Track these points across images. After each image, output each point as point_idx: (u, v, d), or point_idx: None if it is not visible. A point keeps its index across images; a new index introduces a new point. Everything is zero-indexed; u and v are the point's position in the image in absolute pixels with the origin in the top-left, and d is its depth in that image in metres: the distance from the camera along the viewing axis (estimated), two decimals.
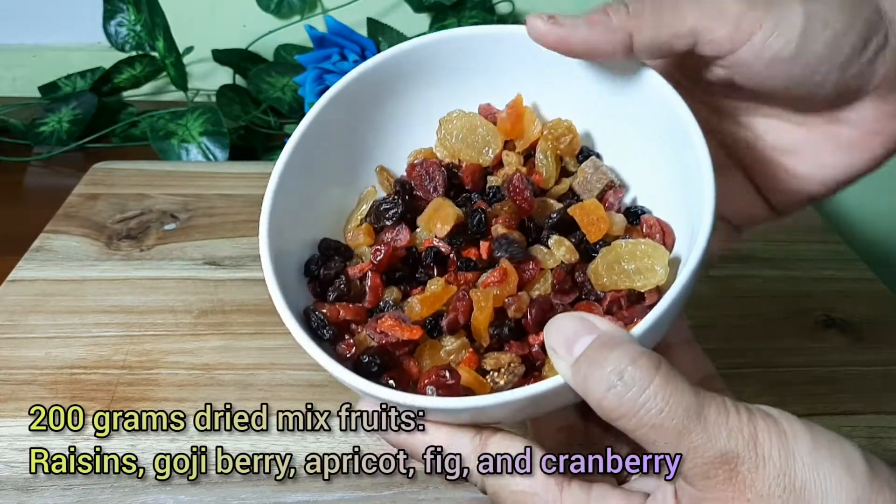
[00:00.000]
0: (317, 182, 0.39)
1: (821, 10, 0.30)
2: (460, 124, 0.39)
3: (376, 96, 0.39)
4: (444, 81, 0.39)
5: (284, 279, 0.35)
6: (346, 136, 0.40)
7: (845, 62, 0.31)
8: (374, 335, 0.35)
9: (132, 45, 0.88)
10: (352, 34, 0.80)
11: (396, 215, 0.38)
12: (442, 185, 0.38)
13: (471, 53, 0.38)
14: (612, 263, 0.34)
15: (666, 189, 0.35)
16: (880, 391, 0.49)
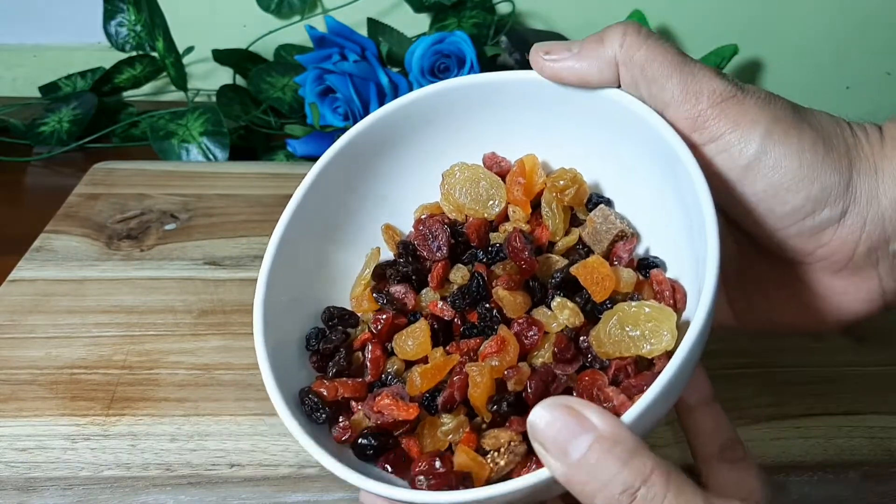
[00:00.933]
0: (319, 246, 0.38)
1: (777, 154, 0.30)
2: (463, 178, 0.38)
3: (378, 152, 0.38)
4: (446, 132, 0.38)
5: (283, 354, 0.35)
6: (347, 195, 0.39)
7: (786, 216, 0.31)
8: (370, 414, 0.34)
9: (132, 45, 0.88)
10: (352, 34, 0.80)
11: (398, 277, 0.37)
12: (445, 245, 0.37)
13: (472, 102, 0.37)
14: (614, 329, 0.32)
15: (674, 235, 0.34)
16: (880, 391, 0.49)
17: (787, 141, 0.30)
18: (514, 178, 0.37)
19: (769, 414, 0.47)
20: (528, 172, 0.37)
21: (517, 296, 0.35)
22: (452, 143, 0.39)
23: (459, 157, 0.39)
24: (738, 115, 0.30)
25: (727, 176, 0.31)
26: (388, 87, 0.78)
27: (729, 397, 0.48)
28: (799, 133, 0.30)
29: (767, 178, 0.30)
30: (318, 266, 0.38)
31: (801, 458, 0.44)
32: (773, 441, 0.45)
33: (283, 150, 0.81)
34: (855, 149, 0.31)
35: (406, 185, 0.40)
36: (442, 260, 0.37)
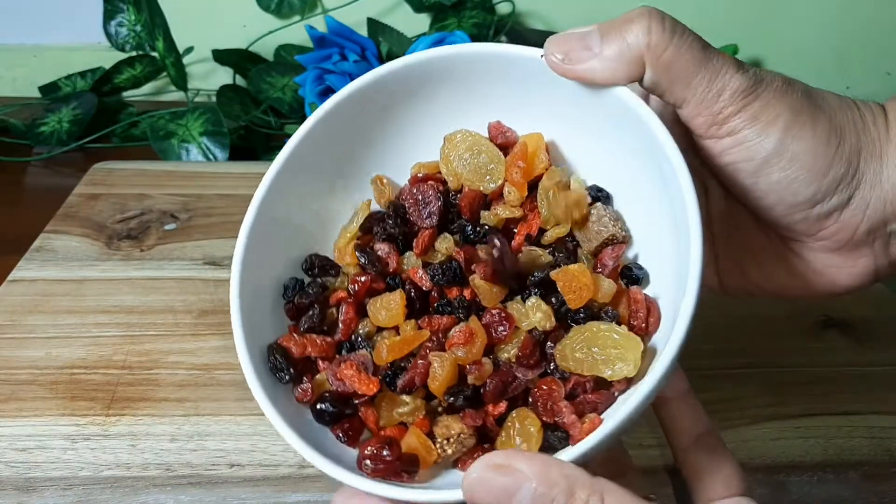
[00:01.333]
0: (313, 187, 0.38)
1: (795, 150, 0.31)
2: (465, 145, 0.38)
3: (387, 103, 0.38)
4: (456, 95, 0.38)
5: (260, 299, 0.35)
6: (350, 140, 0.39)
7: (797, 205, 0.32)
8: (333, 381, 0.34)
9: (132, 45, 0.88)
10: (352, 34, 0.80)
11: (384, 235, 0.37)
12: (437, 213, 0.37)
13: (486, 70, 0.36)
14: (580, 347, 0.32)
15: (662, 240, 0.34)
16: (880, 391, 0.49)
17: (803, 135, 0.31)
18: (514, 160, 0.37)
19: (769, 414, 0.47)
20: (531, 155, 0.36)
21: (494, 288, 0.35)
22: (459, 106, 0.38)
23: (464, 122, 0.38)
24: (757, 110, 0.31)
25: (742, 167, 0.32)
26: None
27: (729, 397, 0.48)
28: (814, 125, 0.31)
29: (783, 172, 0.31)
30: (307, 209, 0.38)
31: (801, 458, 0.44)
32: (773, 441, 0.45)
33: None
34: (863, 134, 0.31)
35: (406, 139, 0.39)
36: (430, 228, 0.37)
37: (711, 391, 0.49)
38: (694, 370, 0.50)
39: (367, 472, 0.31)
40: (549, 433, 0.32)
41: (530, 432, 0.32)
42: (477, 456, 0.31)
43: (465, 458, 0.33)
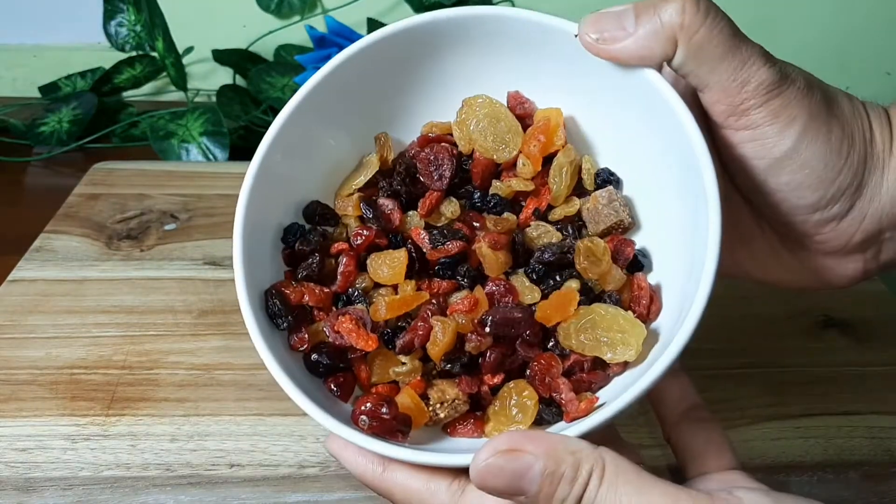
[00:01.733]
0: (323, 133, 0.37)
1: (808, 155, 0.31)
2: (483, 112, 0.37)
3: (408, 56, 0.37)
4: (478, 57, 0.37)
5: (259, 241, 0.35)
6: (365, 92, 0.37)
7: (801, 207, 0.32)
8: (330, 332, 0.34)
9: (132, 46, 0.88)
10: (352, 34, 0.80)
11: (389, 191, 0.37)
12: (448, 177, 0.37)
13: (514, 36, 0.35)
14: (586, 327, 0.32)
15: (676, 231, 0.33)
16: (880, 391, 0.49)
17: (818, 141, 0.31)
18: (534, 133, 0.36)
19: (769, 414, 0.47)
20: (551, 130, 0.36)
21: (500, 255, 0.34)
22: (479, 70, 0.37)
23: (481, 87, 0.37)
24: (778, 108, 0.30)
25: (755, 163, 0.32)
26: None
27: (729, 397, 0.48)
28: (829, 133, 0.31)
29: (793, 175, 0.31)
30: (313, 157, 0.37)
31: (801, 458, 0.44)
32: (773, 441, 0.45)
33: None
34: (870, 145, 0.32)
35: (420, 97, 0.38)
36: (440, 190, 0.37)
37: (711, 391, 0.49)
38: (694, 370, 0.50)
39: (363, 428, 0.31)
40: (542, 407, 0.32)
41: (527, 405, 0.32)
42: (468, 422, 0.33)
43: (455, 423, 0.33)
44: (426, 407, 0.33)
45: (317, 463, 0.43)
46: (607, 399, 0.31)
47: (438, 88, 0.38)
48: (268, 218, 0.36)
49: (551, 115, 0.36)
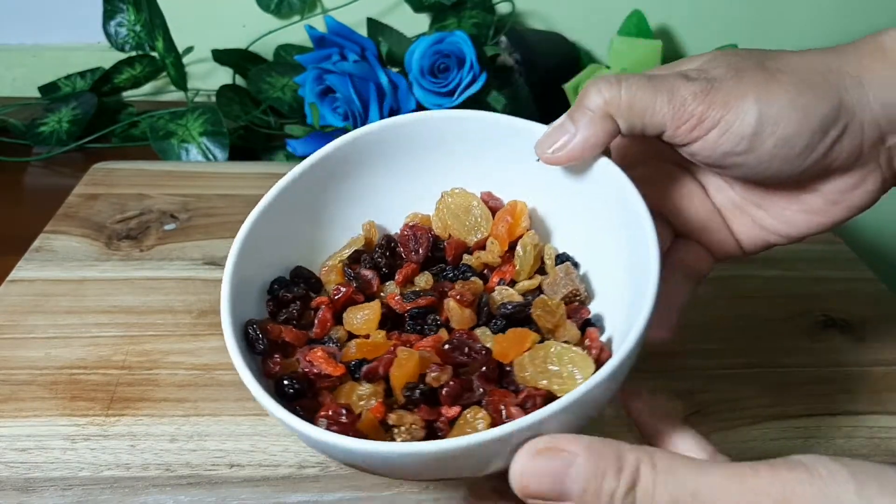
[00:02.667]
0: (306, 221, 0.41)
1: (774, 112, 0.33)
2: (460, 201, 0.41)
3: (388, 152, 0.41)
4: (451, 154, 0.41)
5: (246, 291, 0.37)
6: (350, 181, 0.42)
7: (799, 155, 0.34)
8: (303, 362, 0.36)
9: (132, 45, 0.87)
10: (352, 34, 0.80)
11: (371, 263, 0.41)
12: (424, 252, 0.41)
13: (490, 135, 0.40)
14: (539, 359, 0.34)
15: (624, 297, 0.36)
16: (880, 391, 0.49)
17: (775, 97, 0.33)
18: (503, 215, 0.41)
19: (769, 414, 0.47)
20: (518, 213, 0.41)
21: (466, 311, 0.38)
22: (453, 165, 0.42)
23: (456, 179, 0.42)
24: (724, 97, 0.33)
25: (738, 148, 0.34)
26: (388, 87, 0.78)
27: (729, 397, 0.48)
28: (780, 85, 0.33)
29: (774, 136, 0.33)
30: (305, 230, 0.41)
31: None
32: (773, 441, 0.45)
33: (283, 150, 0.81)
34: (835, 73, 0.34)
35: (398, 192, 0.43)
36: (415, 263, 0.41)
37: (711, 391, 0.49)
38: (694, 370, 0.50)
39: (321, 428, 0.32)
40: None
41: (478, 428, 0.33)
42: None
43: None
44: (386, 433, 0.34)
45: (317, 463, 0.43)
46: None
47: (419, 182, 0.42)
48: (256, 276, 0.39)
49: (518, 204, 0.41)
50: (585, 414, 0.31)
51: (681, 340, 0.53)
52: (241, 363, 0.33)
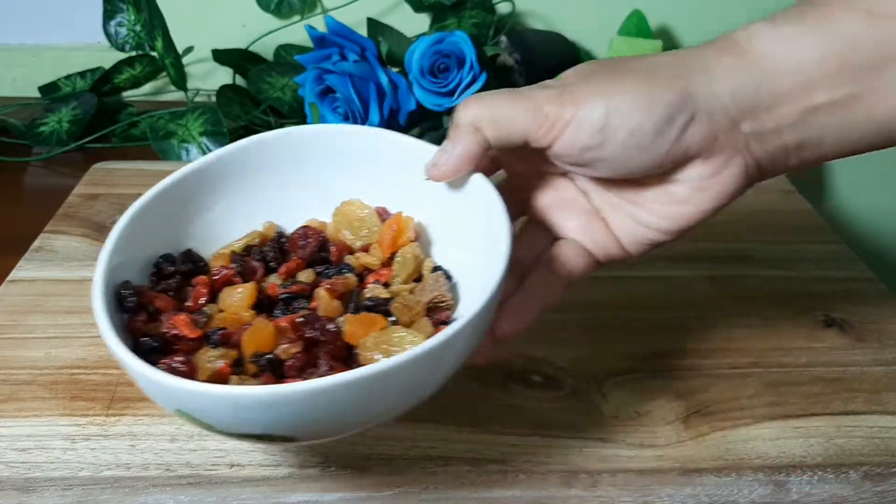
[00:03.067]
0: (215, 209, 0.44)
1: (619, 104, 0.35)
2: (355, 211, 0.44)
3: (295, 158, 0.44)
4: (350, 166, 0.45)
5: (133, 258, 0.40)
6: (255, 184, 0.44)
7: (652, 143, 0.36)
8: (165, 325, 0.38)
9: (132, 45, 0.88)
10: (352, 34, 0.80)
11: (259, 255, 0.43)
12: (311, 251, 0.43)
13: (389, 153, 0.44)
14: (382, 341, 0.37)
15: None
16: (880, 391, 0.49)
17: (621, 91, 0.36)
18: (389, 224, 0.43)
19: (769, 414, 0.47)
20: (403, 224, 0.43)
21: (334, 301, 0.40)
22: (351, 175, 0.45)
23: (351, 189, 0.45)
24: (575, 98, 0.36)
25: (593, 142, 0.36)
26: (388, 87, 0.78)
27: (729, 397, 0.48)
28: (623, 78, 0.36)
29: (623, 126, 0.35)
30: (201, 228, 0.44)
31: (801, 458, 0.44)
32: (773, 441, 0.45)
33: None
34: (683, 62, 0.36)
35: (303, 200, 0.45)
36: (301, 258, 0.43)
37: (711, 391, 0.49)
38: (694, 370, 0.50)
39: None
40: None
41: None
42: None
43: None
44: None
45: (317, 463, 0.43)
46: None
47: (323, 191, 0.45)
48: (140, 255, 0.41)
49: (403, 218, 0.44)
50: (404, 382, 0.33)
51: (681, 340, 0.53)
52: (100, 309, 0.34)
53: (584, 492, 0.42)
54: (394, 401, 0.34)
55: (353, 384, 0.30)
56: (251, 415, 0.31)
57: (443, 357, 0.33)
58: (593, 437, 0.45)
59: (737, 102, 0.36)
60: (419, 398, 0.35)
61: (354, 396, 0.31)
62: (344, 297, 0.40)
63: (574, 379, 0.49)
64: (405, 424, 0.45)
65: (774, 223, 0.67)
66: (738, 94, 0.35)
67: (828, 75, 0.35)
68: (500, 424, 0.46)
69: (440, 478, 0.42)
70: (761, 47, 0.36)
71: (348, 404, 0.32)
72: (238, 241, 0.44)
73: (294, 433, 0.33)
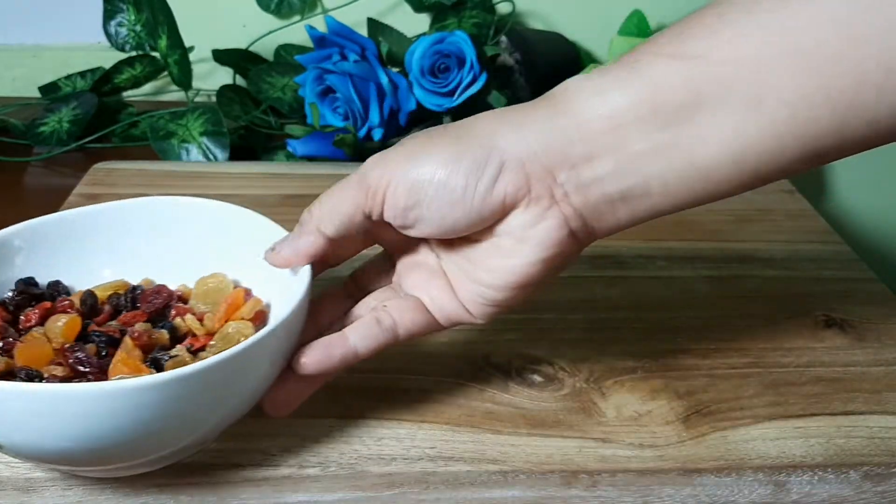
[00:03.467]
0: (114, 248, 0.48)
1: (425, 164, 0.37)
2: (213, 281, 0.47)
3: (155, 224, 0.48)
4: (212, 234, 0.47)
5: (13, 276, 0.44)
6: (151, 237, 0.48)
7: (464, 196, 0.36)
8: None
9: (132, 45, 0.88)
10: (352, 34, 0.80)
11: (114, 301, 0.45)
12: (156, 308, 0.45)
13: (240, 226, 0.46)
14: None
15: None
16: (880, 391, 0.49)
17: (430, 151, 0.37)
18: (227, 299, 0.45)
19: (769, 414, 0.47)
20: (235, 304, 0.45)
21: (136, 350, 0.41)
22: (209, 243, 0.48)
23: (218, 258, 0.47)
24: (389, 162, 0.38)
25: (410, 202, 0.37)
26: (388, 87, 0.78)
27: (729, 397, 0.48)
28: (436, 141, 0.37)
29: (431, 184, 0.37)
30: (81, 261, 0.47)
31: (801, 458, 0.44)
32: (773, 441, 0.45)
33: (283, 150, 0.81)
34: (496, 122, 0.37)
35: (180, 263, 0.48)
36: (145, 311, 0.45)
37: (711, 391, 0.49)
38: (694, 370, 0.50)
39: None
40: None
41: None
42: None
43: None
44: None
45: (317, 463, 0.43)
46: None
47: (203, 257, 0.47)
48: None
49: (245, 295, 0.46)
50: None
51: (681, 340, 0.53)
52: None
53: (583, 492, 0.42)
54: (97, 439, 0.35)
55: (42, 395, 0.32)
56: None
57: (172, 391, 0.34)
58: (593, 437, 0.45)
59: (549, 152, 0.36)
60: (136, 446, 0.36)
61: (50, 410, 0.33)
62: (144, 346, 0.42)
63: (574, 379, 0.49)
64: (405, 424, 0.45)
65: (774, 223, 0.67)
66: (550, 145, 0.36)
67: (641, 120, 0.34)
68: (500, 424, 0.46)
69: (440, 478, 0.42)
70: (574, 99, 0.36)
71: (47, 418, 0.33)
72: (105, 284, 0.46)
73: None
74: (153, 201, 0.48)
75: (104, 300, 0.46)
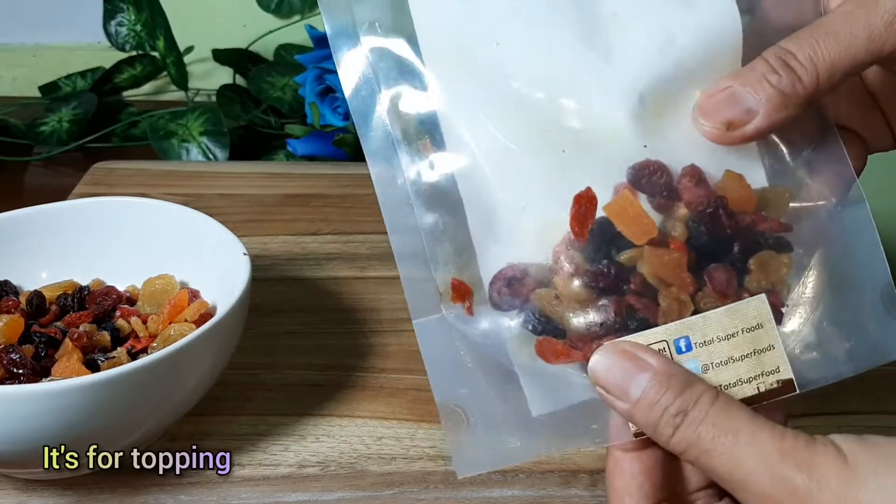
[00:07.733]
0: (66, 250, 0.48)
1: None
2: (160, 282, 0.46)
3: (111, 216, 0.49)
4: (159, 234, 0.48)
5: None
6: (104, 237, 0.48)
7: None
8: None
9: (132, 45, 0.88)
10: None
11: (62, 301, 0.45)
12: (103, 310, 0.45)
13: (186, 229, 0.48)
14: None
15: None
16: (880, 391, 0.49)
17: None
18: (171, 300, 0.45)
19: None
20: (179, 306, 0.45)
21: (76, 352, 0.41)
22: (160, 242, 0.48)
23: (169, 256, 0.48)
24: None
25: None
26: None
27: None
28: None
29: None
30: (37, 260, 0.48)
31: None
32: None
33: (283, 150, 0.81)
34: None
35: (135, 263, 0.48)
36: (91, 313, 0.45)
37: None
38: None
39: None
40: None
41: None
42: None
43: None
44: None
45: (317, 463, 0.43)
46: None
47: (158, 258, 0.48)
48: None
49: (189, 296, 0.45)
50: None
51: None
52: None
53: (583, 491, 0.42)
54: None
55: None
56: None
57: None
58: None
59: None
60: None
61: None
62: (89, 350, 0.42)
63: None
64: (405, 424, 0.45)
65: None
66: None
67: None
68: None
69: (440, 478, 0.42)
70: None
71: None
72: (54, 284, 0.47)
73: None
74: (101, 202, 0.49)
75: (52, 300, 0.46)
